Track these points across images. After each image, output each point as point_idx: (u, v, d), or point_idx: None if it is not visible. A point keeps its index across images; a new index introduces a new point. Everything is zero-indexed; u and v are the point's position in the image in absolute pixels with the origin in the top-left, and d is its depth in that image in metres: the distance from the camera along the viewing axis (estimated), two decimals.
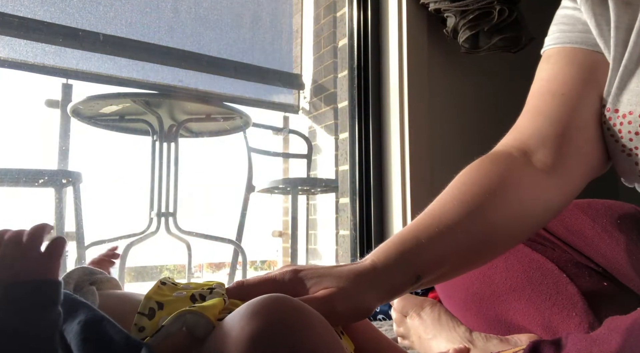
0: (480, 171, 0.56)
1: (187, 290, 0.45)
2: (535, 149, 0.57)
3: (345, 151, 1.59)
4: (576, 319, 0.53)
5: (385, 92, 1.42)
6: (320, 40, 2.49)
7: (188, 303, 0.42)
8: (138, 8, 1.89)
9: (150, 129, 1.87)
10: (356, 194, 1.44)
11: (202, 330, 0.39)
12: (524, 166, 0.56)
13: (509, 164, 0.56)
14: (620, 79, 0.56)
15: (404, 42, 1.37)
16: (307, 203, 2.40)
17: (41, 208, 1.74)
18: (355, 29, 1.47)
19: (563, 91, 0.60)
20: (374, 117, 1.42)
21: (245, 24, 2.25)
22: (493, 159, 0.58)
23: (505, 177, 0.54)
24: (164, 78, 2.01)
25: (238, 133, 2.09)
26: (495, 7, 1.22)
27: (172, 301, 0.42)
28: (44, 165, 1.75)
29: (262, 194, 2.24)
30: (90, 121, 1.86)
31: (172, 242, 1.87)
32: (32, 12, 1.63)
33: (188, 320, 0.38)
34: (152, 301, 0.42)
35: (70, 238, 1.70)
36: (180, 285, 0.47)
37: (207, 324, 0.39)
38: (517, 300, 0.58)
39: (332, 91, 2.39)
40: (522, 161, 0.56)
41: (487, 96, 1.55)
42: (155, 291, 0.43)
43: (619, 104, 0.56)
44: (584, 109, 0.58)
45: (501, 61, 1.47)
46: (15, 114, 1.71)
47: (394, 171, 1.38)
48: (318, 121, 2.46)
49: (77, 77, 1.83)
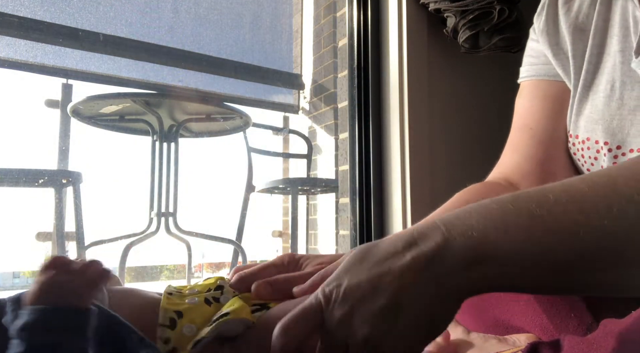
0: (473, 193, 0.61)
1: (197, 295, 0.45)
2: (519, 183, 0.62)
3: (345, 151, 1.59)
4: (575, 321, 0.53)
5: (385, 92, 1.42)
6: (320, 40, 2.49)
7: (206, 309, 0.43)
8: (138, 8, 1.89)
9: (150, 129, 1.87)
10: (356, 194, 1.44)
11: (234, 331, 0.40)
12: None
13: (500, 190, 0.60)
14: (577, 106, 0.58)
15: (404, 42, 1.37)
16: (307, 203, 2.40)
17: (41, 208, 1.75)
18: (355, 29, 1.47)
19: (531, 125, 0.64)
20: (374, 117, 1.42)
21: (245, 24, 2.24)
22: (486, 184, 0.63)
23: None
24: (164, 78, 2.01)
25: (238, 132, 2.09)
26: (495, 7, 1.22)
27: (189, 309, 0.43)
28: (44, 165, 1.75)
29: (262, 194, 2.24)
30: (90, 121, 1.86)
31: (172, 242, 1.88)
32: (32, 12, 1.63)
33: (229, 327, 0.39)
34: (170, 312, 0.42)
35: (70, 238, 1.70)
36: (185, 290, 0.47)
37: (244, 323, 0.40)
38: (515, 300, 0.58)
39: (332, 91, 2.39)
40: (510, 190, 0.61)
41: (487, 96, 1.54)
42: (168, 302, 0.43)
43: (578, 130, 0.58)
44: (553, 140, 0.62)
45: (501, 61, 1.47)
46: (15, 114, 1.71)
47: (394, 171, 1.38)
48: (318, 121, 2.46)
49: (77, 77, 1.83)
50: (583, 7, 0.60)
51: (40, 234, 1.75)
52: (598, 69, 0.57)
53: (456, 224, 0.30)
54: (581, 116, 0.57)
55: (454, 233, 0.30)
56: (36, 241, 1.75)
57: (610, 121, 0.54)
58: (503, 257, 0.28)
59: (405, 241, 0.31)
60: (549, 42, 0.62)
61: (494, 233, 0.29)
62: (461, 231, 0.30)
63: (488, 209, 0.30)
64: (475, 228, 0.29)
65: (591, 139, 0.56)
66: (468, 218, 0.30)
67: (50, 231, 1.72)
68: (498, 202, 0.30)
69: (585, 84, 0.57)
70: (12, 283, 2.15)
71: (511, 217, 0.29)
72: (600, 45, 0.57)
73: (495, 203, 0.30)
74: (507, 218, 0.29)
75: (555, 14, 0.63)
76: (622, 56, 0.54)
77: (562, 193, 0.29)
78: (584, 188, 0.28)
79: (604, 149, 0.55)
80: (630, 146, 0.52)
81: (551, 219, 0.27)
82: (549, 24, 0.63)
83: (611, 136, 0.54)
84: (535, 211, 0.28)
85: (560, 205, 0.28)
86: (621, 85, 0.53)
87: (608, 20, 0.57)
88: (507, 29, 1.28)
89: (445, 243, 0.30)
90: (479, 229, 0.29)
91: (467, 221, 0.30)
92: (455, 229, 0.30)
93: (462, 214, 0.31)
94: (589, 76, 0.57)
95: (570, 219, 0.27)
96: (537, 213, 0.28)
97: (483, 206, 0.31)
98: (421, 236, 0.31)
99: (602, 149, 0.55)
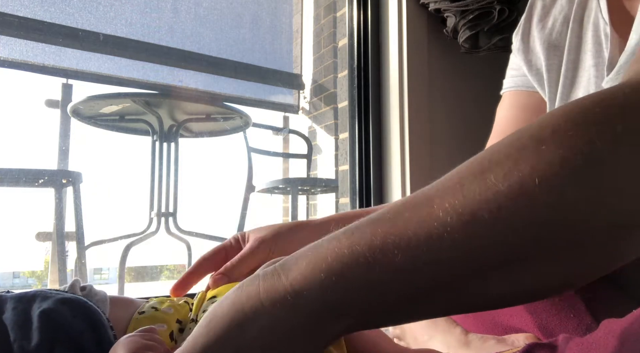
0: None
1: (169, 319, 0.44)
2: None
3: (345, 151, 1.58)
4: (574, 321, 0.53)
5: (385, 92, 1.42)
6: (320, 40, 2.49)
7: (168, 342, 0.41)
8: (138, 8, 1.89)
9: (150, 129, 1.87)
10: (356, 194, 1.44)
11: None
12: None
13: None
14: None
15: (404, 42, 1.37)
16: (307, 203, 2.40)
17: (41, 208, 1.75)
18: (355, 29, 1.47)
19: (505, 132, 0.67)
20: (374, 117, 1.42)
21: (245, 24, 2.24)
22: None
23: None
24: (164, 78, 2.02)
25: (238, 132, 2.09)
26: (495, 7, 1.22)
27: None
28: (44, 165, 1.75)
29: (262, 194, 2.24)
30: (90, 121, 1.86)
31: (172, 242, 1.88)
32: (32, 12, 1.63)
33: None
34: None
35: (70, 238, 1.70)
36: (162, 307, 0.46)
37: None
38: None
39: (332, 91, 2.39)
40: None
41: (487, 96, 1.54)
42: (134, 326, 0.42)
43: None
44: None
45: (501, 61, 1.47)
46: (15, 114, 1.71)
47: (394, 171, 1.37)
48: (318, 121, 2.46)
49: (77, 77, 1.83)
50: (556, 25, 0.64)
51: (40, 234, 1.75)
52: (574, 83, 0.60)
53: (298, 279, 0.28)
54: None
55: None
56: (36, 241, 1.75)
57: None
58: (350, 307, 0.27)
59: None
60: (524, 60, 0.67)
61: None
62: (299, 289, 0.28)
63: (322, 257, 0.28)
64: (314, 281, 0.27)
65: None
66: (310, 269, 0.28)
67: (50, 231, 1.72)
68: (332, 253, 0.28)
69: (562, 98, 0.60)
70: (12, 283, 2.15)
71: (348, 268, 0.27)
72: (575, 60, 0.60)
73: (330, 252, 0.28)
74: (345, 270, 0.27)
75: (529, 32, 0.68)
76: (596, 70, 0.57)
77: (390, 224, 0.27)
78: (407, 215, 0.27)
79: None
80: None
81: (385, 261, 0.26)
82: (525, 41, 0.68)
83: None
84: (367, 256, 0.26)
85: (388, 240, 0.26)
86: None
87: (581, 37, 0.60)
88: (507, 29, 1.28)
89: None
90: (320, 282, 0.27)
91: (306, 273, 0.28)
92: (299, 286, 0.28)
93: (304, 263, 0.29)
94: (565, 89, 0.60)
95: (403, 256, 0.26)
96: (370, 259, 0.26)
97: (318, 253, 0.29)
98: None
99: None
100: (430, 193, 0.28)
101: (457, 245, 0.25)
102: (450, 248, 0.25)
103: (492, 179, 0.26)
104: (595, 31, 0.59)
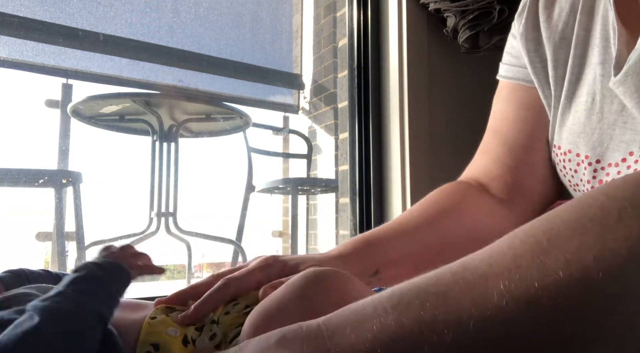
0: (442, 193, 0.62)
1: (180, 326, 0.44)
2: (487, 184, 0.63)
3: (345, 151, 1.59)
4: None
5: (385, 92, 1.42)
6: (320, 40, 2.49)
7: (181, 348, 0.41)
8: (138, 8, 1.89)
9: (150, 129, 1.87)
10: (356, 194, 1.44)
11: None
12: (481, 195, 0.62)
13: (465, 192, 0.62)
14: (560, 116, 0.57)
15: (404, 42, 1.37)
16: (307, 203, 2.40)
17: (41, 208, 1.75)
18: (355, 29, 1.47)
19: (503, 131, 0.64)
20: (374, 117, 1.42)
21: (245, 24, 2.25)
22: (455, 185, 0.64)
23: (460, 202, 0.60)
24: (164, 78, 2.02)
25: (238, 132, 2.09)
26: (495, 7, 1.22)
27: (167, 341, 0.41)
28: (44, 165, 1.75)
29: (262, 194, 2.24)
30: (90, 121, 1.86)
31: (172, 242, 1.88)
32: (32, 12, 1.63)
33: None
34: (147, 345, 0.40)
35: (70, 238, 1.70)
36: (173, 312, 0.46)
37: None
38: None
39: (332, 91, 2.39)
40: (479, 191, 0.62)
41: (487, 96, 1.54)
42: (148, 331, 0.42)
43: (560, 141, 0.57)
44: (525, 148, 0.62)
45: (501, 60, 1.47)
46: (15, 114, 1.71)
47: (394, 171, 1.38)
48: (318, 121, 2.46)
49: (77, 77, 1.83)
50: (563, 15, 0.58)
51: (40, 234, 1.75)
52: (580, 80, 0.56)
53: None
54: (564, 127, 0.56)
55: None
56: (36, 241, 1.76)
57: (591, 135, 0.53)
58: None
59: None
60: (527, 48, 0.61)
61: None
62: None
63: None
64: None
65: (572, 151, 0.55)
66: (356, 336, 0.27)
67: (50, 231, 1.72)
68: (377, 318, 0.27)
69: (567, 95, 0.56)
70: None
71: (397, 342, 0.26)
72: (582, 56, 0.56)
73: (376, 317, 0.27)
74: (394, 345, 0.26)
75: (536, 19, 0.61)
76: (602, 69, 0.53)
77: (440, 299, 0.26)
78: (457, 291, 0.26)
79: (585, 162, 0.54)
80: (609, 160, 0.51)
81: (434, 340, 0.25)
82: (528, 28, 0.62)
83: (592, 150, 0.53)
84: (416, 332, 0.25)
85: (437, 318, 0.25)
86: (601, 98, 0.52)
87: (590, 30, 0.55)
88: (507, 29, 1.28)
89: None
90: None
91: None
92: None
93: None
94: (571, 86, 0.56)
95: (454, 337, 0.25)
96: (417, 335, 0.25)
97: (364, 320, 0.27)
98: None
99: (582, 163, 0.54)
100: (483, 269, 0.27)
101: (511, 330, 0.25)
102: (503, 333, 0.25)
103: (552, 266, 0.25)
104: (604, 24, 0.53)
